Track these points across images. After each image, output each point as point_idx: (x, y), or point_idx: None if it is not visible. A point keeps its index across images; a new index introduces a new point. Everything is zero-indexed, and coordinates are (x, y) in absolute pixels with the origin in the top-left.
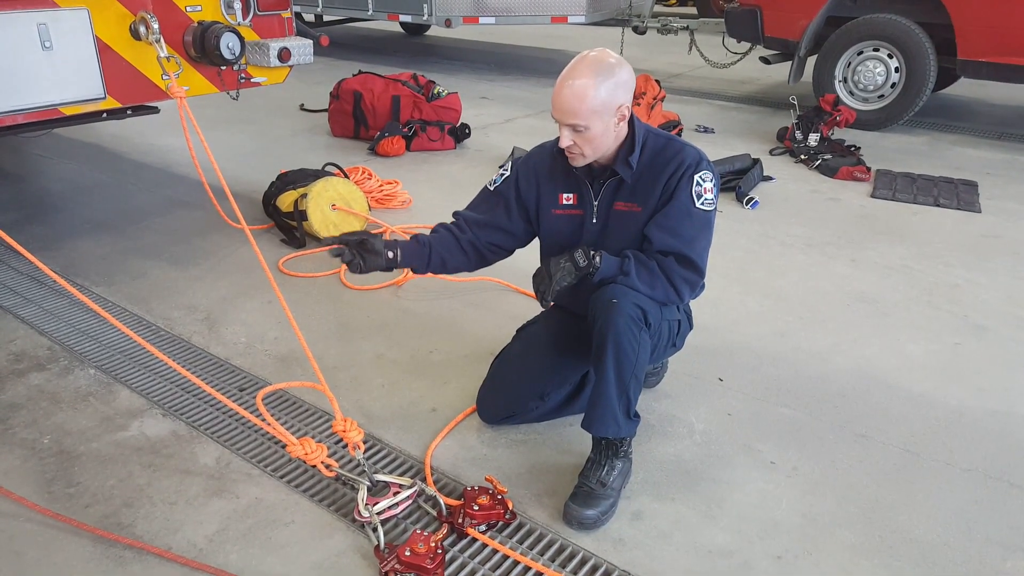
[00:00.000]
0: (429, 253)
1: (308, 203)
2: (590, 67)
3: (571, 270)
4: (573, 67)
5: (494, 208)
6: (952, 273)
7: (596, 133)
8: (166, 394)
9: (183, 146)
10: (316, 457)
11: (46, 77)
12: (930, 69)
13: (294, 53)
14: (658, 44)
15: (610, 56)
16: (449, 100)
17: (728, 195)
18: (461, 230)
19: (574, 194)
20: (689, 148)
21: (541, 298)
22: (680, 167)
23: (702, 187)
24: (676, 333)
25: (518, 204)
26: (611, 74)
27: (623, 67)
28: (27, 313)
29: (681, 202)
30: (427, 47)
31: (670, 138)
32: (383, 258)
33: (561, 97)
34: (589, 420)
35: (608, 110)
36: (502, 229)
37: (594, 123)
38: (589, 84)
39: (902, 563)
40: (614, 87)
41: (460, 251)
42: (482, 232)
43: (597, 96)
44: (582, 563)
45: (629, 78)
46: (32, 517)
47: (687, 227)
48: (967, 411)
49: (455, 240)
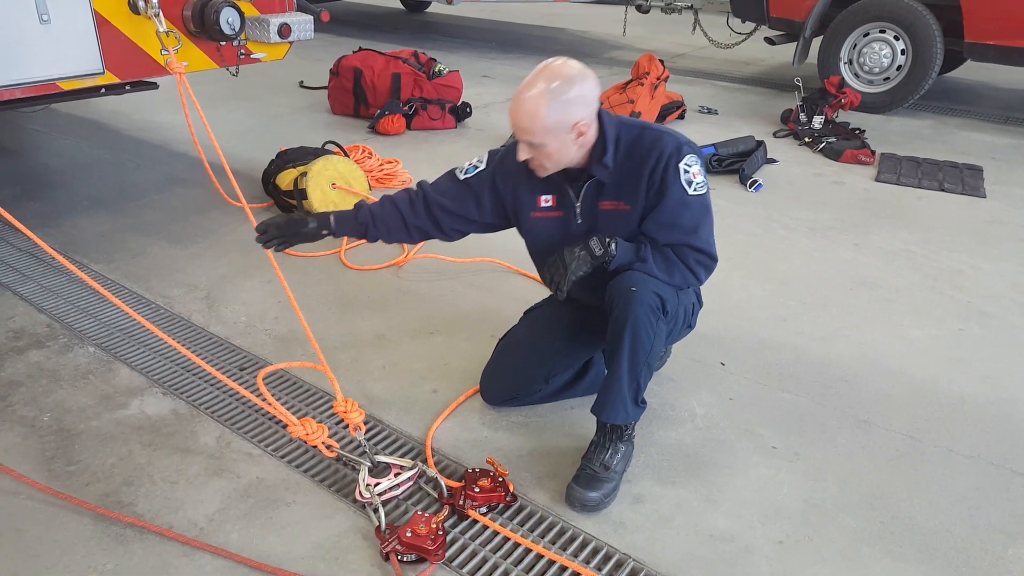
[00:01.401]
0: (367, 231)
1: (308, 182)
2: (544, 83)
3: (587, 259)
4: (529, 81)
5: (463, 199)
6: (956, 258)
7: (552, 150)
8: (166, 373)
9: (182, 123)
10: (317, 437)
11: (44, 51)
12: (937, 51)
13: (294, 29)
14: (662, 23)
15: (569, 69)
16: (450, 78)
17: (731, 177)
18: (414, 210)
19: (553, 195)
20: (666, 136)
21: (556, 289)
22: (661, 159)
23: (690, 173)
24: (691, 314)
25: (493, 201)
26: (566, 91)
27: (582, 81)
28: (26, 290)
29: (674, 195)
30: (428, 24)
31: (643, 127)
32: (314, 238)
33: (514, 113)
34: (600, 406)
35: (562, 128)
36: (472, 220)
37: (549, 141)
38: (541, 102)
39: (903, 549)
40: (568, 105)
41: (405, 232)
42: (447, 218)
43: (550, 115)
44: (583, 545)
45: (587, 92)
46: (33, 495)
47: (687, 218)
48: (970, 397)
49: (401, 220)
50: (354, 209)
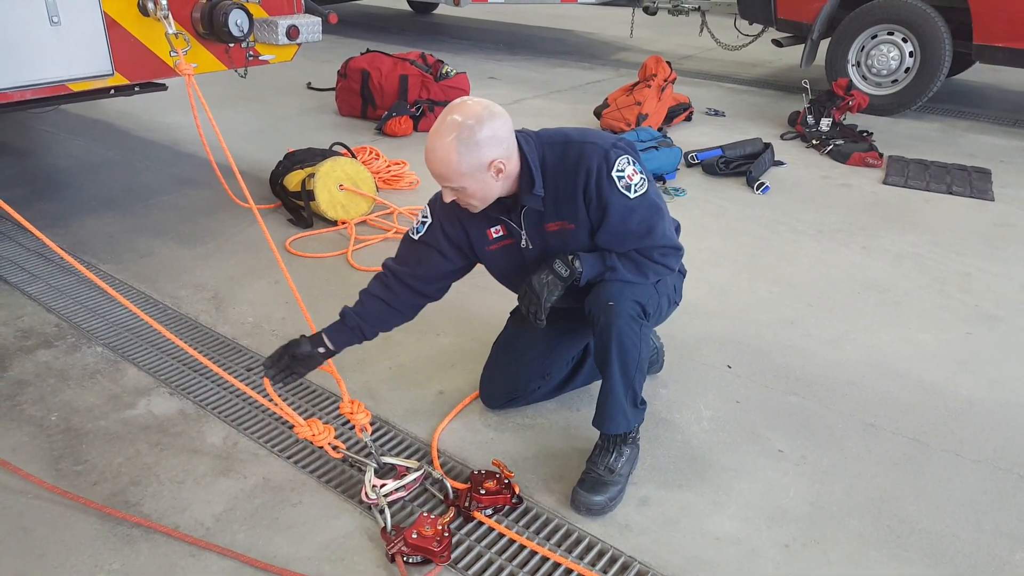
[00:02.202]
0: (363, 332)
1: (315, 183)
2: (452, 127)
3: (556, 283)
4: (438, 126)
5: (428, 258)
6: (964, 262)
7: (474, 190)
8: (173, 373)
9: (190, 124)
10: (323, 438)
11: (54, 53)
12: (945, 54)
13: (302, 31)
14: (669, 25)
15: (477, 109)
16: (457, 80)
17: (739, 180)
18: (392, 291)
19: (500, 225)
20: (588, 146)
21: (533, 318)
22: (591, 175)
23: (624, 176)
24: (675, 293)
25: (451, 247)
26: (472, 135)
27: (490, 120)
28: (35, 290)
29: (616, 206)
30: (435, 26)
31: (565, 141)
32: (315, 359)
33: (428, 162)
34: (600, 419)
35: (478, 170)
36: (446, 273)
37: (467, 183)
38: (451, 149)
39: (910, 553)
40: (478, 147)
41: (396, 314)
42: (423, 283)
43: (462, 160)
44: (588, 548)
45: (497, 131)
46: (40, 494)
47: (636, 222)
48: (977, 401)
49: (386, 307)
50: (338, 320)
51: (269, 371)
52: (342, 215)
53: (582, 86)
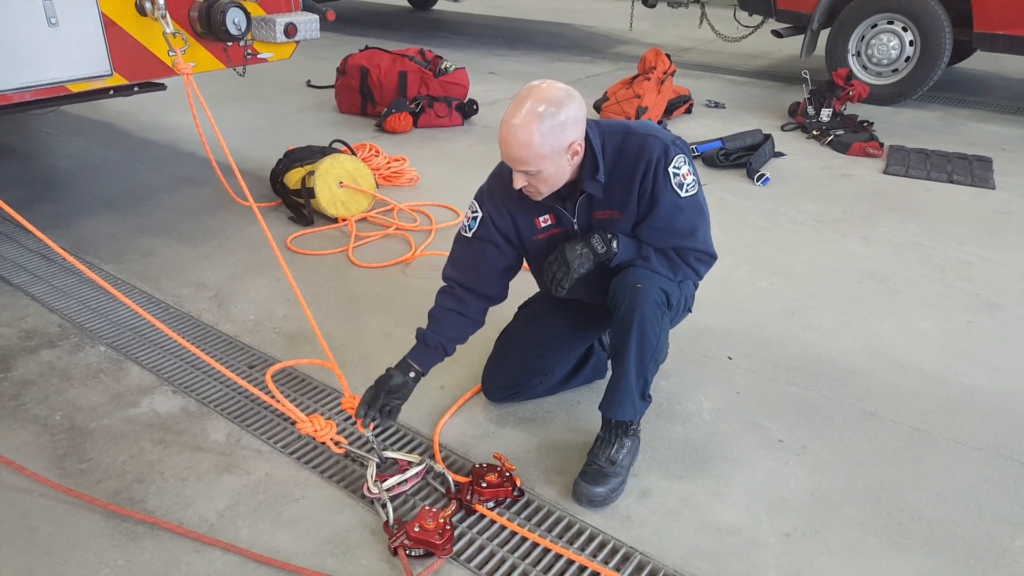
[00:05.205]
0: (445, 349)
1: (315, 180)
2: (533, 110)
3: (589, 256)
4: (516, 109)
5: (484, 255)
6: (965, 250)
7: (549, 174)
8: (176, 371)
9: (190, 123)
10: (325, 434)
11: (52, 54)
12: (945, 42)
13: (300, 28)
14: (668, 17)
15: (556, 91)
16: (456, 75)
17: (739, 171)
18: (463, 301)
19: (550, 214)
20: (650, 139)
21: (556, 287)
22: (650, 166)
23: (680, 175)
24: (691, 299)
25: (502, 238)
26: (556, 115)
27: (570, 103)
28: (37, 291)
29: (666, 201)
30: (434, 21)
31: (626, 131)
32: (408, 386)
33: (507, 144)
34: (608, 403)
35: (558, 152)
36: (503, 269)
37: (545, 166)
38: (534, 131)
39: (910, 541)
40: (561, 128)
41: (471, 323)
42: (490, 286)
43: (544, 143)
44: (590, 539)
45: (576, 112)
46: (45, 492)
47: (683, 222)
48: (978, 389)
49: (462, 318)
50: (418, 342)
51: (368, 415)
52: (342, 212)
53: (582, 80)
